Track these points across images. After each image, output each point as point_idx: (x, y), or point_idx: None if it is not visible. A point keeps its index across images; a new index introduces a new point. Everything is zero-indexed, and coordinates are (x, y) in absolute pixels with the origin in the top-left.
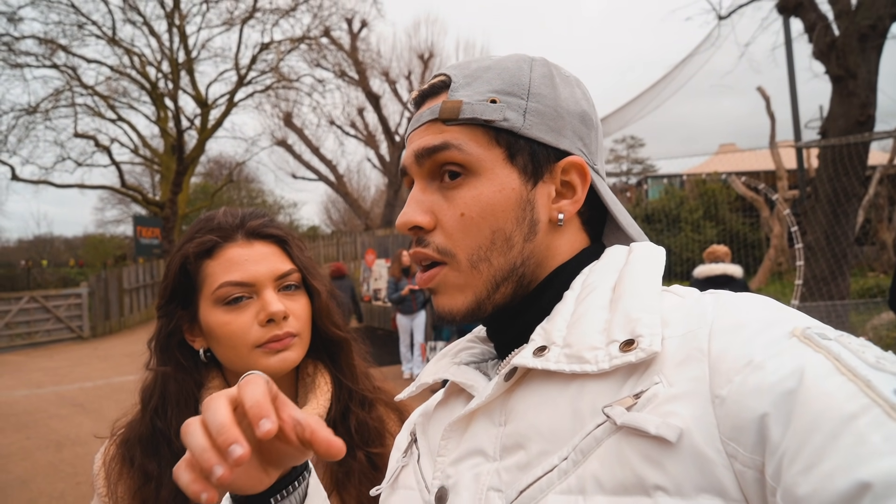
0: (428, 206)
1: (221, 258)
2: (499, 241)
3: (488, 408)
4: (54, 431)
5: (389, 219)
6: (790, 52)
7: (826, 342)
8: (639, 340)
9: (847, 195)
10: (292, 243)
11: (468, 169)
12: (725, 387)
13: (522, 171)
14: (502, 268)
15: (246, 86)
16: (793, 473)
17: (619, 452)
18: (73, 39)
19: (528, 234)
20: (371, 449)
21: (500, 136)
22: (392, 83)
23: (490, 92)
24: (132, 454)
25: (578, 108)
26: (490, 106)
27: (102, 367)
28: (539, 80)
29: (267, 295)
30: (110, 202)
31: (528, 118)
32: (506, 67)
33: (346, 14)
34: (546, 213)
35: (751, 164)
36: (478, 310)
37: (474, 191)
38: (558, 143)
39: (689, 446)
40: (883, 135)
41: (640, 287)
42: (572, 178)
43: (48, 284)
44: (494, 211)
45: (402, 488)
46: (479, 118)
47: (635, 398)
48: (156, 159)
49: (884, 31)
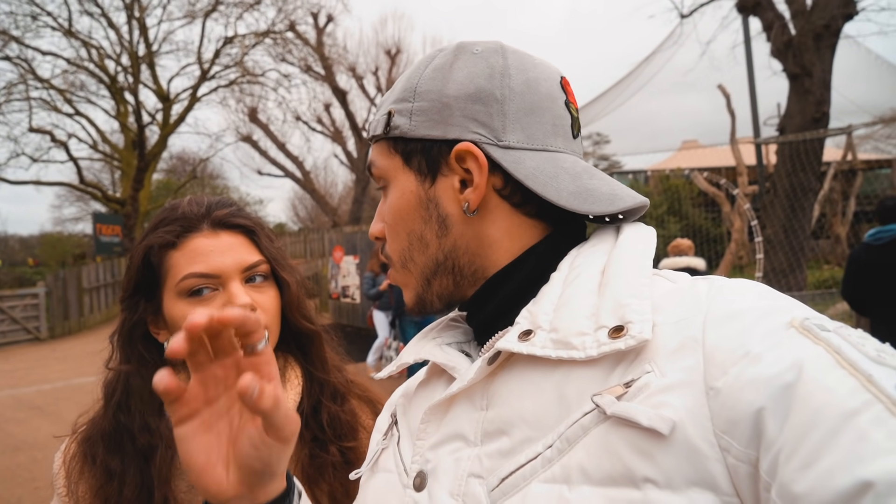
0: (382, 216)
1: (186, 249)
2: (414, 242)
3: (469, 391)
4: (10, 436)
5: (357, 215)
6: (749, 51)
7: (825, 334)
8: (628, 327)
9: (804, 190)
10: (261, 233)
11: (385, 180)
12: (720, 378)
13: (418, 171)
14: (426, 264)
15: (209, 80)
16: (790, 470)
17: (607, 442)
18: (27, 31)
19: (440, 231)
20: (344, 443)
21: (397, 143)
22: (359, 79)
23: (391, 104)
24: (94, 452)
25: (471, 87)
26: (381, 120)
27: (61, 368)
28: (429, 74)
29: (233, 287)
30: (68, 199)
31: (413, 119)
32: (408, 74)
33: (312, 8)
34: (455, 206)
35: (712, 161)
36: (422, 303)
37: (388, 199)
38: (446, 134)
39: (682, 439)
40: (837, 131)
41: (629, 271)
42: (469, 164)
43: (2, 285)
44: (402, 215)
45: (382, 471)
46: (376, 134)
47: (625, 387)
48: (116, 155)
49: (837, 30)
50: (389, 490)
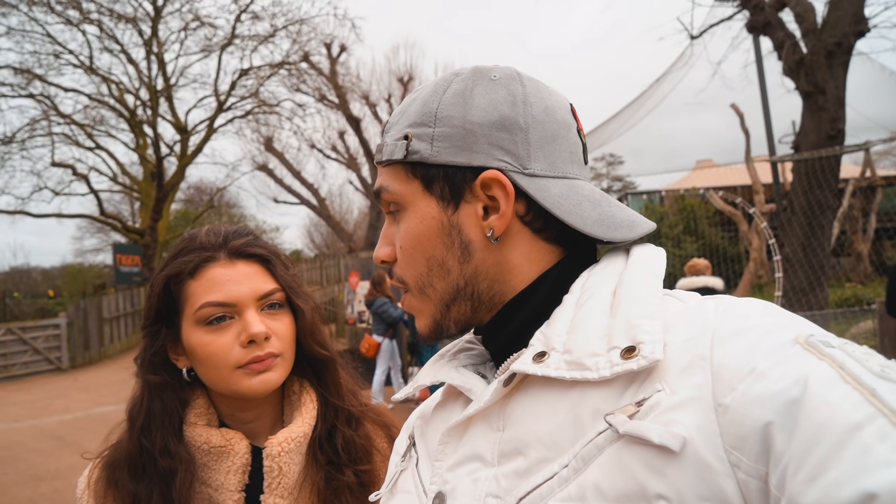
0: (390, 240)
1: (203, 278)
2: (434, 268)
3: (486, 413)
4: (33, 466)
5: (372, 241)
6: (761, 70)
7: (830, 350)
8: (640, 347)
9: (822, 207)
10: (276, 262)
11: (399, 205)
12: (728, 395)
13: (440, 197)
14: (446, 290)
15: (226, 111)
16: (797, 483)
17: (620, 460)
18: (50, 69)
19: (462, 257)
20: (358, 466)
21: (416, 168)
22: (372, 106)
23: (406, 128)
24: (118, 476)
25: (495, 115)
26: (399, 144)
27: (82, 398)
28: (450, 100)
29: (248, 315)
30: (89, 231)
31: (435, 145)
32: (423, 98)
33: (325, 39)
34: (478, 233)
35: (728, 179)
36: (438, 329)
37: (404, 224)
38: (471, 161)
39: (692, 455)
40: (853, 148)
41: (640, 292)
42: (495, 192)
43: (25, 316)
44: (421, 241)
45: (401, 492)
46: (392, 159)
47: (637, 406)
48: (135, 187)
49: (849, 48)
50: None
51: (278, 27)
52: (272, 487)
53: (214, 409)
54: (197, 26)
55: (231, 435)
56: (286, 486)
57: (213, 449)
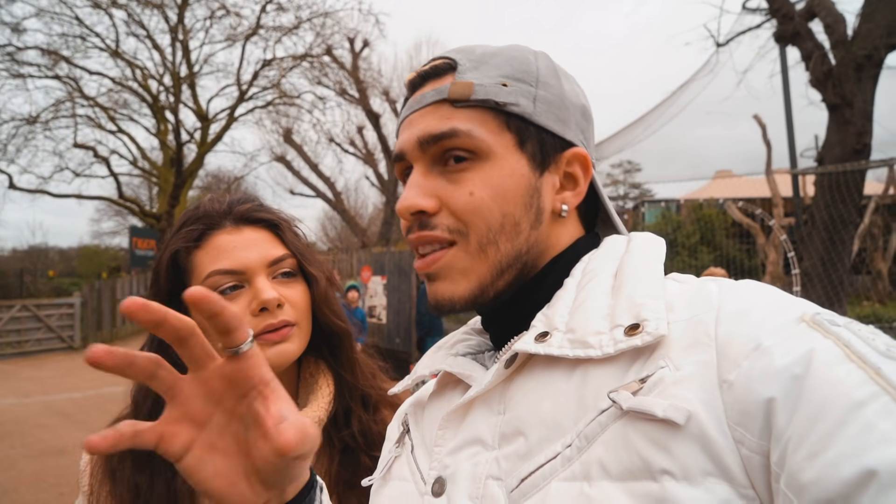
0: (431, 190)
1: (209, 247)
2: (508, 226)
3: (487, 396)
4: (40, 441)
5: (386, 237)
6: (786, 81)
7: (835, 328)
8: (644, 324)
9: (844, 222)
10: (285, 227)
11: (477, 154)
12: (733, 371)
13: (531, 158)
14: (508, 254)
15: (247, 101)
16: (798, 459)
17: (624, 437)
18: (76, 51)
19: (535, 222)
20: (375, 453)
21: (511, 121)
22: (392, 102)
23: (500, 76)
24: (115, 467)
25: (579, 101)
26: (503, 89)
27: (92, 377)
28: (545, 70)
29: (259, 282)
30: (107, 213)
31: (538, 105)
32: (512, 55)
33: (349, 33)
34: (550, 203)
35: (746, 191)
36: (480, 296)
37: (483, 174)
38: (564, 133)
39: (697, 430)
40: (879, 163)
41: (642, 273)
42: (575, 169)
43: (41, 294)
44: (505, 194)
45: (396, 479)
46: (492, 100)
47: (641, 382)
48: (154, 172)
49: (879, 61)
50: (405, 498)
51: (303, 19)
52: None
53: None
54: (223, 15)
55: None
56: None
57: None
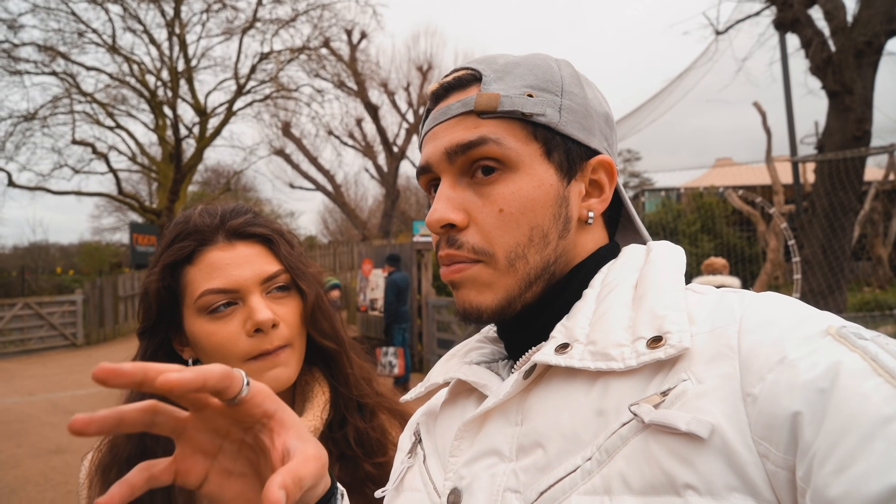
0: (460, 203)
1: (202, 263)
2: (536, 238)
3: (504, 407)
4: (46, 439)
5: (386, 229)
6: (786, 68)
7: (862, 342)
8: (667, 337)
9: (844, 209)
10: (279, 241)
11: (505, 164)
12: (757, 385)
13: (558, 167)
14: (537, 265)
15: (245, 95)
16: (824, 474)
17: (646, 451)
18: (73, 47)
19: (563, 232)
20: (375, 459)
21: (538, 131)
22: (391, 94)
23: (525, 87)
24: (112, 480)
25: (602, 109)
26: (529, 100)
27: None
28: (569, 78)
29: (253, 301)
30: (107, 210)
31: (563, 115)
32: (535, 64)
33: (346, 25)
34: (577, 211)
35: (747, 179)
36: (508, 308)
37: (512, 185)
38: (589, 142)
39: (721, 444)
40: (879, 150)
41: (663, 285)
42: (601, 177)
43: (43, 291)
44: (534, 206)
45: (409, 490)
46: (519, 111)
47: (662, 395)
48: (153, 167)
49: (879, 47)
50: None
51: (300, 12)
52: None
53: None
54: (219, 8)
55: None
56: None
57: None
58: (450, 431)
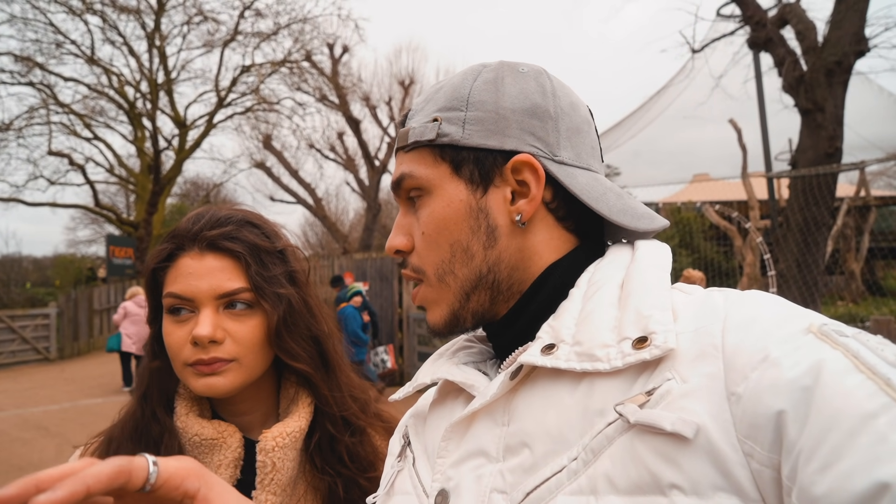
0: (406, 230)
1: (175, 266)
2: (458, 253)
3: (491, 407)
4: (16, 455)
5: (368, 243)
6: (760, 86)
7: (844, 339)
8: (652, 337)
9: (817, 224)
10: (251, 259)
11: (423, 190)
12: (741, 384)
13: (469, 181)
14: (468, 278)
15: (225, 107)
16: (809, 472)
17: (632, 451)
18: (51, 57)
19: (488, 242)
20: (367, 475)
21: (444, 151)
22: (372, 108)
23: (434, 112)
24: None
25: (527, 102)
26: (429, 126)
27: (69, 389)
28: (481, 86)
29: (202, 315)
30: (83, 222)
31: (467, 128)
32: (453, 84)
33: (328, 39)
34: (505, 217)
35: (723, 194)
36: (456, 321)
37: (428, 209)
38: (503, 145)
39: (706, 443)
40: (850, 167)
41: (649, 284)
42: (525, 176)
43: (15, 304)
44: (447, 225)
45: (399, 494)
46: (420, 140)
47: (647, 395)
48: (131, 179)
49: (849, 67)
50: None
51: (281, 25)
52: (264, 483)
53: (207, 399)
54: (200, 21)
55: (224, 427)
56: (279, 483)
57: (205, 441)
58: (438, 432)
